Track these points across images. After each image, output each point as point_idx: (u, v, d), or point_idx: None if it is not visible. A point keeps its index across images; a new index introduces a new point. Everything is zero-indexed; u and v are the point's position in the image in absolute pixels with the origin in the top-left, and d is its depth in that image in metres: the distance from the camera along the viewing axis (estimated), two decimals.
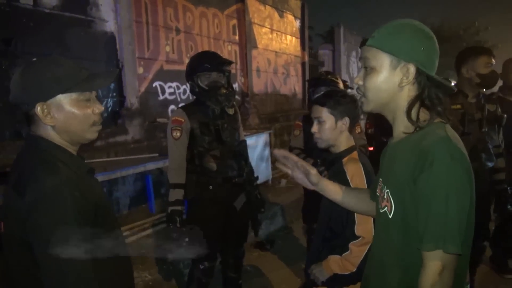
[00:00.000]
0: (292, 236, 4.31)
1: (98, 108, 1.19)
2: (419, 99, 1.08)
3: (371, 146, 4.09)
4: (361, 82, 1.13)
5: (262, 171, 5.32)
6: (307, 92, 3.54)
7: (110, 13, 3.96)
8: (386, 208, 1.12)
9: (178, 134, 2.29)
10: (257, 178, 2.60)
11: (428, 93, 1.08)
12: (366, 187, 1.57)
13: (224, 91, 2.31)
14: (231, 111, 2.48)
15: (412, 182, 1.01)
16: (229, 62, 2.41)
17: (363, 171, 1.65)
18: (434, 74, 1.07)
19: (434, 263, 0.97)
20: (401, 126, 1.12)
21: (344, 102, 1.73)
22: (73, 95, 1.13)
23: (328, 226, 1.70)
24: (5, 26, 3.09)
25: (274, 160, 6.40)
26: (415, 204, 1.02)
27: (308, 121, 2.89)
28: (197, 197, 2.38)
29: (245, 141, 2.54)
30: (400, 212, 1.07)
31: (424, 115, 1.09)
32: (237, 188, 2.45)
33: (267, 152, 5.58)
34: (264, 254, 3.78)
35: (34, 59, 1.16)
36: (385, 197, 1.13)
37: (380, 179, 1.20)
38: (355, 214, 1.57)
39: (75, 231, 1.04)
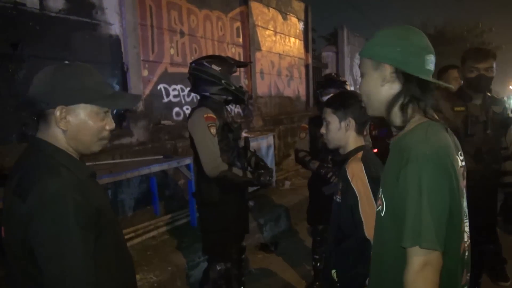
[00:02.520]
0: (297, 238, 4.32)
1: (110, 124, 1.21)
2: (401, 97, 1.15)
3: (375, 148, 4.08)
4: (360, 90, 1.26)
5: None
6: (314, 93, 3.54)
7: (115, 16, 3.99)
8: (380, 207, 1.17)
9: (215, 130, 2.23)
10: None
11: (409, 90, 1.13)
12: (368, 187, 1.59)
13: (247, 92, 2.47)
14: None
15: (396, 181, 1.06)
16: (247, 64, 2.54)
17: (364, 170, 1.64)
18: (417, 73, 1.12)
19: (415, 259, 1.00)
20: (394, 127, 1.20)
21: (348, 104, 1.75)
22: (94, 108, 1.16)
23: (339, 227, 1.70)
24: (11, 29, 3.12)
25: (277, 162, 6.36)
26: (399, 201, 1.06)
27: (314, 123, 2.90)
28: (219, 199, 2.34)
29: (248, 137, 2.62)
30: (390, 210, 1.12)
31: (412, 113, 1.14)
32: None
33: (270, 154, 5.58)
34: (268, 256, 3.79)
35: (66, 62, 1.19)
36: (379, 196, 1.18)
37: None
38: (361, 214, 1.56)
39: (77, 236, 1.04)
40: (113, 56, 3.99)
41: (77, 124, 1.14)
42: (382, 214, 1.15)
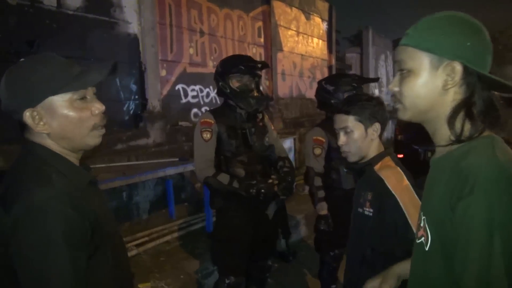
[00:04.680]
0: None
1: (98, 107, 1.03)
2: (467, 105, 0.89)
3: (400, 153, 3.85)
4: (396, 89, 0.95)
5: None
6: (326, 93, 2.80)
7: (133, 15, 3.92)
8: (422, 239, 0.93)
9: (209, 135, 2.21)
10: (290, 185, 2.36)
11: (480, 96, 0.88)
12: (416, 195, 1.39)
13: (256, 94, 2.28)
14: (259, 116, 2.38)
15: (450, 210, 0.83)
16: (265, 65, 2.34)
17: (405, 177, 1.45)
18: (487, 73, 0.87)
19: None
20: (442, 140, 0.93)
21: (370, 106, 1.53)
22: (66, 96, 0.99)
23: (368, 245, 1.49)
24: (28, 27, 3.08)
25: (298, 166, 6.17)
26: (456, 236, 0.82)
27: (330, 132, 2.45)
28: (225, 206, 2.25)
29: (273, 146, 2.41)
30: (438, 245, 0.88)
31: (469, 126, 0.89)
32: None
33: (291, 158, 5.41)
34: (285, 266, 3.62)
35: (22, 59, 1.02)
36: (421, 225, 0.94)
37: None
38: (407, 216, 1.35)
39: (66, 255, 0.91)
40: (130, 55, 3.92)
41: (57, 122, 0.99)
42: (426, 249, 0.92)
